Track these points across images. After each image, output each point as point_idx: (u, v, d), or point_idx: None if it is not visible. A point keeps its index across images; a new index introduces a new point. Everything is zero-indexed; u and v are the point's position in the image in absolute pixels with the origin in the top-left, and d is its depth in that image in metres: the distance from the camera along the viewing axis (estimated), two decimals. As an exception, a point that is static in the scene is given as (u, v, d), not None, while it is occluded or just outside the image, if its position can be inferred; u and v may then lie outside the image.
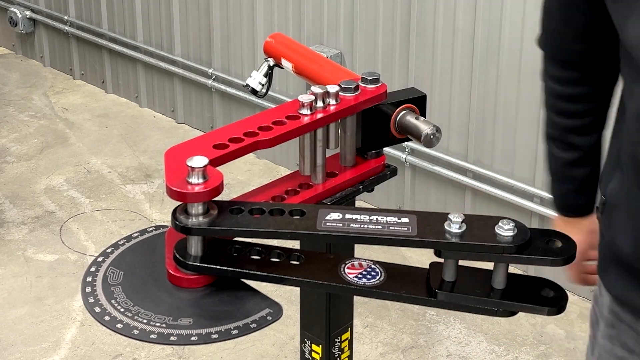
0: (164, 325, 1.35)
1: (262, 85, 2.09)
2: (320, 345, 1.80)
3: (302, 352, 1.86)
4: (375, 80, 1.70)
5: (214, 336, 1.34)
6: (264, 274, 1.42)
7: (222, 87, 4.40)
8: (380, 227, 1.39)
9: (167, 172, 1.40)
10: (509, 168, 3.43)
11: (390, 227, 1.38)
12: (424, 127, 1.69)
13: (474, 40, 3.39)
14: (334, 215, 1.41)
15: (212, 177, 1.37)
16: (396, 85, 3.56)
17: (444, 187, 3.67)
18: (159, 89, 4.82)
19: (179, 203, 1.38)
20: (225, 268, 1.41)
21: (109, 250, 1.51)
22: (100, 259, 1.49)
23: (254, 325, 1.37)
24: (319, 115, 1.60)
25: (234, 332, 1.35)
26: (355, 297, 3.37)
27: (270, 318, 1.38)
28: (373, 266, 1.46)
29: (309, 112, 1.60)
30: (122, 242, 1.53)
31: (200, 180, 1.36)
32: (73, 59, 5.26)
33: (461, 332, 3.15)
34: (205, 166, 1.36)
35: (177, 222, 1.36)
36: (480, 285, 1.40)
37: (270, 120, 1.57)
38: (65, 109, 4.92)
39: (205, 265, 1.40)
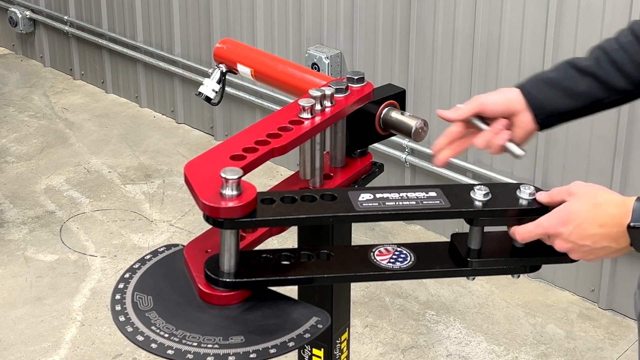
0: (216, 346, 1.33)
1: (216, 92, 2.05)
2: (322, 349, 1.80)
3: (301, 358, 1.85)
4: (361, 80, 1.70)
5: (271, 351, 1.32)
6: (307, 276, 1.42)
7: (222, 87, 4.39)
8: (414, 202, 1.42)
9: (196, 187, 1.37)
10: (508, 168, 3.43)
11: (424, 202, 1.42)
12: (413, 122, 1.71)
13: (474, 40, 3.39)
14: (365, 196, 1.42)
15: (245, 189, 1.36)
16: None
17: (444, 187, 3.66)
18: (159, 89, 4.82)
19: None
20: (267, 279, 1.40)
21: (127, 275, 1.48)
22: (121, 285, 1.47)
23: (307, 335, 1.35)
24: (322, 118, 1.60)
25: (290, 344, 1.34)
26: (354, 297, 3.37)
27: (321, 326, 1.37)
28: (399, 249, 1.49)
29: (309, 115, 1.59)
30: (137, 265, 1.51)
31: (235, 193, 1.34)
32: (73, 59, 5.26)
33: (461, 332, 3.15)
34: (239, 177, 1.34)
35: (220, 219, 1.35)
36: (502, 247, 1.48)
37: (275, 127, 1.56)
38: (65, 109, 4.92)
39: (245, 279, 1.39)
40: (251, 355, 1.31)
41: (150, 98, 4.89)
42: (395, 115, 1.74)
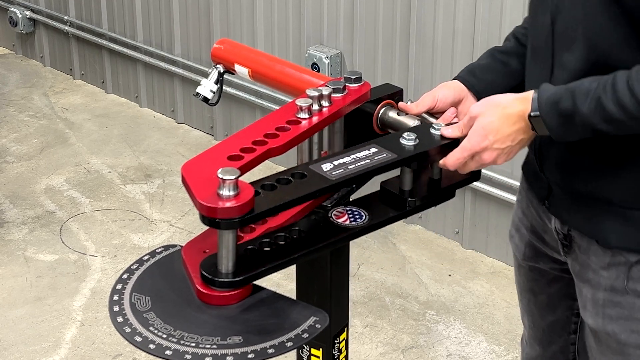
0: (214, 346, 1.33)
1: (213, 92, 2.05)
2: (321, 349, 1.80)
3: (300, 358, 1.84)
4: (359, 79, 1.71)
5: (270, 351, 1.32)
6: (292, 257, 1.44)
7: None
8: (369, 160, 1.48)
9: (194, 188, 1.36)
10: (508, 168, 3.43)
11: (376, 158, 1.49)
12: (410, 122, 1.71)
13: (474, 40, 3.39)
14: (327, 166, 1.48)
15: (243, 189, 1.36)
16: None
17: (444, 187, 3.66)
18: (159, 89, 4.82)
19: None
20: (265, 268, 1.41)
21: (125, 276, 1.48)
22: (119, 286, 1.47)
23: (306, 335, 1.35)
24: (319, 118, 1.60)
25: (289, 344, 1.34)
26: (354, 297, 3.37)
27: (319, 326, 1.37)
28: (348, 208, 1.56)
29: (307, 115, 1.59)
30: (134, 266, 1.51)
31: (232, 193, 1.34)
32: (73, 59, 5.26)
33: (461, 332, 3.15)
34: (237, 178, 1.34)
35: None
36: (425, 182, 1.62)
37: (273, 127, 1.55)
38: (65, 109, 4.93)
39: (248, 274, 1.40)
40: (249, 356, 1.31)
41: (150, 98, 4.89)
42: (393, 115, 1.74)
